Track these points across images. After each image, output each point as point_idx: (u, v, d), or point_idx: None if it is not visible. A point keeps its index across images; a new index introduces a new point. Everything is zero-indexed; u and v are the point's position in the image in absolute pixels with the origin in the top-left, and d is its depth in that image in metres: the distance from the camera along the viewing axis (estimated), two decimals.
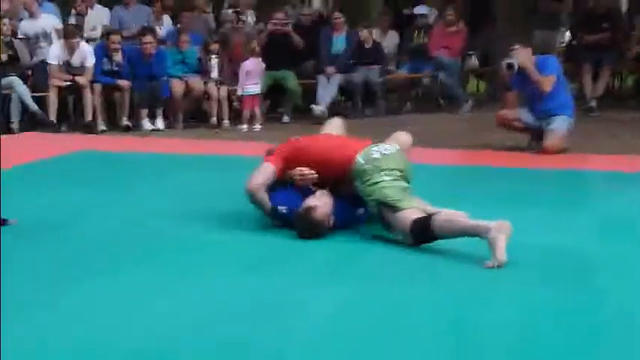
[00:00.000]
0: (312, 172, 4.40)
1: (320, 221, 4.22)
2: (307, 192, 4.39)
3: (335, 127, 5.02)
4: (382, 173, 4.24)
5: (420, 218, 4.02)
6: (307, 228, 4.23)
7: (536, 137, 7.49)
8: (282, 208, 4.38)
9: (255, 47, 9.61)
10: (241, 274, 3.73)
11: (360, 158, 4.32)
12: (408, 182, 4.34)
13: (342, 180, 4.38)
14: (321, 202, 4.25)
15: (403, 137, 4.75)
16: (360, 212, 4.44)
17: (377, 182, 4.22)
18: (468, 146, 7.79)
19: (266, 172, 4.44)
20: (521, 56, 7.28)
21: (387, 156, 4.33)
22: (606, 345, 2.91)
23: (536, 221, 4.69)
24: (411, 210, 4.08)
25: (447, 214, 4.02)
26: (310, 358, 2.79)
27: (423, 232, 3.99)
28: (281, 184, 4.48)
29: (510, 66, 7.29)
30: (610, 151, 7.54)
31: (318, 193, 4.35)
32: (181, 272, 3.72)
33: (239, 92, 9.61)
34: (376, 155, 4.32)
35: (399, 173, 4.27)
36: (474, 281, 3.61)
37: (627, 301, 3.37)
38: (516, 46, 7.40)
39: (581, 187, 5.85)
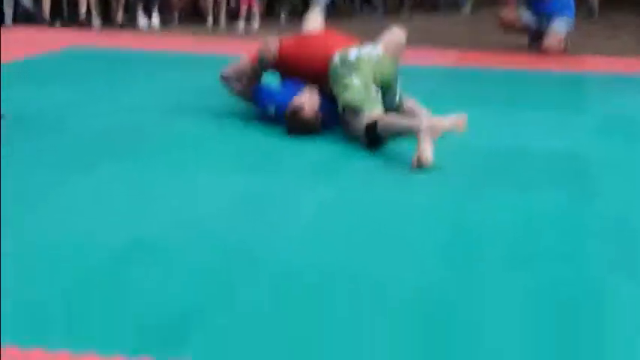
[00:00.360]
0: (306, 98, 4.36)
1: (308, 120, 4.21)
2: (296, 88, 4.36)
3: (315, 22, 4.94)
4: (352, 75, 4.19)
5: (370, 122, 4.01)
6: (296, 127, 4.23)
7: (536, 37, 7.40)
8: (271, 108, 4.36)
9: None
10: (228, 172, 3.73)
11: (336, 59, 4.28)
12: (389, 86, 4.28)
13: (323, 79, 4.34)
14: (309, 100, 4.22)
15: (395, 36, 4.59)
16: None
17: (346, 84, 4.18)
18: (468, 47, 7.70)
19: (239, 62, 4.59)
20: None
21: (361, 59, 4.25)
22: (595, 245, 2.92)
23: (534, 123, 4.68)
24: (370, 113, 4.06)
25: (393, 116, 4.08)
26: (295, 252, 2.81)
27: (372, 134, 4.01)
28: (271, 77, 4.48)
29: None
30: (609, 52, 7.46)
31: (307, 89, 4.32)
32: (168, 168, 3.72)
33: None
34: (351, 58, 4.26)
35: (371, 76, 4.21)
36: (468, 184, 3.60)
37: (620, 201, 3.38)
38: None
39: (580, 89, 5.81)
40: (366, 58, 4.27)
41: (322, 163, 3.89)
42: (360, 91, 4.13)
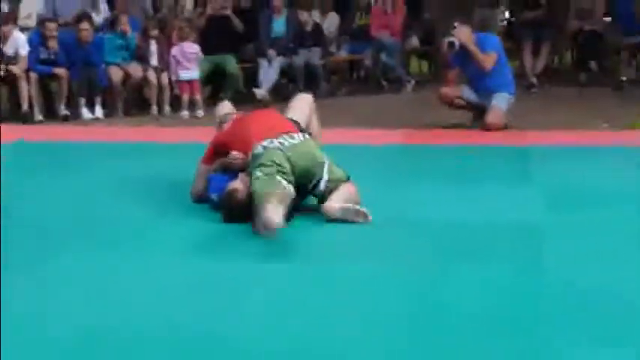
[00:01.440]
0: (241, 155, 4.37)
1: (242, 201, 4.15)
2: (234, 175, 4.37)
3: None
4: (258, 168, 4.16)
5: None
6: (231, 210, 4.20)
7: (478, 114, 7.53)
8: (214, 196, 4.36)
9: (186, 32, 9.46)
10: (181, 256, 3.70)
11: (254, 148, 4.30)
12: (309, 172, 4.22)
13: None
14: (243, 184, 4.19)
15: (301, 103, 4.84)
16: None
17: (253, 177, 4.15)
18: (412, 125, 7.78)
19: (202, 175, 4.58)
20: (462, 34, 7.29)
21: (269, 149, 4.22)
22: (549, 314, 2.92)
23: (481, 197, 4.71)
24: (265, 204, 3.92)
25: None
26: (259, 332, 2.75)
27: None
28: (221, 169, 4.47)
29: (451, 44, 7.30)
30: (551, 125, 7.60)
31: (241, 175, 4.30)
32: (122, 256, 3.67)
33: (172, 78, 9.49)
34: (258, 150, 4.25)
35: (276, 167, 4.13)
36: (420, 257, 3.59)
37: (569, 269, 3.41)
38: (456, 24, 7.41)
39: (525, 162, 5.88)
40: (273, 149, 4.22)
41: (275, 242, 3.84)
42: (261, 181, 4.07)
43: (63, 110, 9.26)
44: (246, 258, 3.64)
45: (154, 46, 9.59)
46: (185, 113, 9.30)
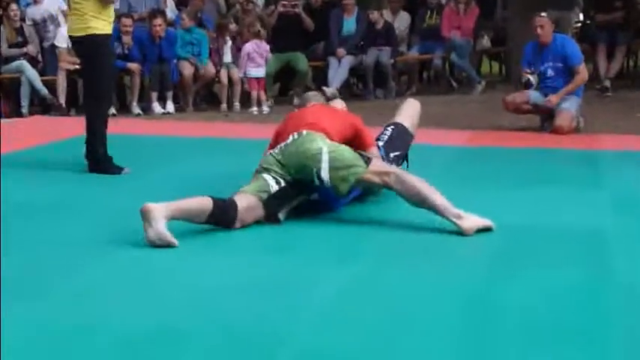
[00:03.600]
0: None
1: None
2: None
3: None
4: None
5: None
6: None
7: (546, 117, 7.42)
8: None
9: (258, 29, 9.54)
10: (251, 254, 3.73)
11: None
12: (304, 168, 4.14)
13: None
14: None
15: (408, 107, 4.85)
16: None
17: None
18: (481, 127, 7.72)
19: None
20: (545, 28, 7.16)
21: (264, 158, 4.27)
22: (618, 324, 2.86)
23: (549, 200, 4.65)
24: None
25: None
26: (314, 336, 2.76)
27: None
28: None
29: (528, 84, 7.25)
30: (623, 130, 7.46)
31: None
32: (193, 252, 3.70)
33: (240, 74, 9.58)
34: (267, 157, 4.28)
35: (273, 169, 4.16)
36: (486, 262, 3.56)
37: (638, 275, 3.34)
38: (543, 14, 7.29)
39: (595, 166, 5.78)
40: (273, 154, 4.24)
41: (340, 245, 3.87)
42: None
43: (135, 107, 9.42)
44: (309, 259, 3.65)
45: (228, 43, 9.70)
46: (254, 109, 9.40)
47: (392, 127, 4.79)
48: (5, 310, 2.88)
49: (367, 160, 4.14)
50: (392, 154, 4.59)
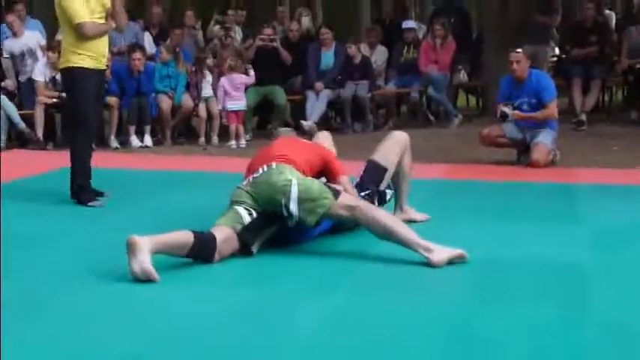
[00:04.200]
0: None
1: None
2: None
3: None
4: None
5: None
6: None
7: (522, 150, 7.48)
8: None
9: (230, 64, 9.55)
10: (231, 286, 3.75)
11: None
12: (272, 201, 4.18)
13: None
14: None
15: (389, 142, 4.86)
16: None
17: None
18: (458, 161, 7.76)
19: None
20: (521, 64, 7.24)
21: (235, 190, 4.31)
22: (594, 356, 2.88)
23: (527, 234, 4.67)
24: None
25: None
26: None
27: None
28: None
29: (504, 115, 7.30)
30: (600, 164, 7.52)
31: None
32: (175, 284, 3.71)
33: (219, 107, 9.59)
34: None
35: (245, 201, 4.21)
36: (464, 296, 3.57)
37: (617, 311, 3.35)
38: (518, 51, 7.36)
39: (572, 200, 5.82)
40: (242, 185, 4.30)
41: (318, 277, 3.88)
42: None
43: (113, 141, 9.39)
44: (288, 291, 3.66)
45: (208, 77, 9.72)
46: (233, 143, 9.40)
47: (365, 165, 4.80)
48: None
49: (335, 194, 4.18)
50: (362, 194, 4.60)
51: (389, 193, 4.81)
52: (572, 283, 3.77)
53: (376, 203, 4.61)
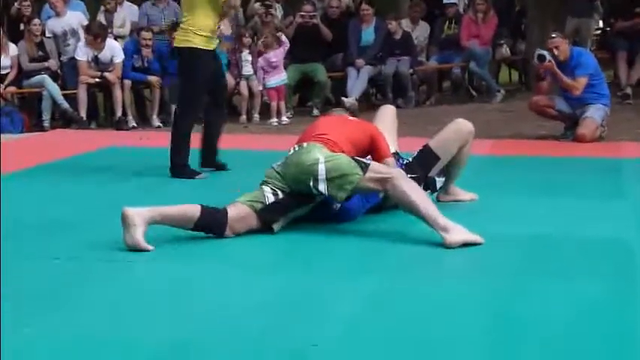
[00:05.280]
0: None
1: None
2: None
3: (380, 117, 5.00)
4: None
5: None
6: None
7: (570, 125, 7.38)
8: None
9: (269, 40, 9.51)
10: (266, 269, 3.72)
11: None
12: (301, 179, 4.14)
13: None
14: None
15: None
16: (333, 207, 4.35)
17: None
18: (502, 136, 7.70)
19: None
20: (561, 48, 7.13)
21: (267, 170, 4.31)
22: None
23: (572, 210, 4.61)
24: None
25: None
26: (338, 351, 2.74)
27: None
28: None
29: (541, 57, 7.15)
30: None
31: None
32: (204, 267, 3.69)
33: (259, 88, 9.57)
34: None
35: (274, 182, 4.22)
36: (509, 273, 3.53)
37: None
38: (554, 35, 7.27)
39: (617, 175, 5.74)
40: (274, 167, 4.29)
41: (355, 259, 3.85)
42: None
43: (155, 120, 9.46)
44: (324, 274, 3.63)
45: (247, 56, 9.71)
46: (274, 120, 9.40)
47: (420, 149, 4.74)
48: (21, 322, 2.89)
49: (364, 167, 4.11)
50: (408, 176, 4.55)
51: (439, 181, 4.72)
52: (619, 259, 3.71)
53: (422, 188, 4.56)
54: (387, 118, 4.96)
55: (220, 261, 3.82)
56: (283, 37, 9.56)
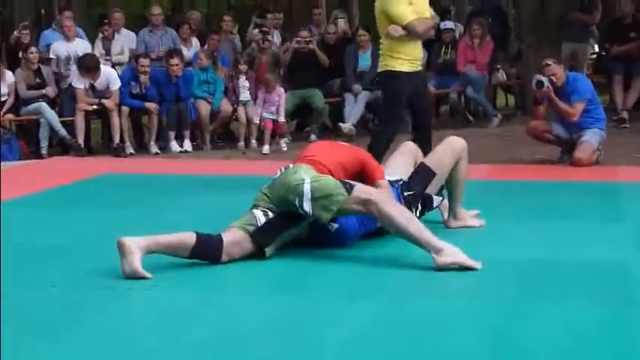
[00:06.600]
0: None
1: None
2: None
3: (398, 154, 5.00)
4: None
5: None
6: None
7: (566, 150, 7.40)
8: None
9: (271, 82, 9.50)
10: (264, 293, 3.71)
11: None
12: (284, 200, 4.15)
13: None
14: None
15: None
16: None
17: None
18: (499, 161, 7.71)
19: None
20: (557, 75, 7.16)
21: (259, 192, 4.32)
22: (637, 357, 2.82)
23: (570, 234, 4.62)
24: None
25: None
26: None
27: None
28: None
29: (539, 84, 7.18)
30: None
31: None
32: (203, 293, 3.69)
33: (256, 119, 9.55)
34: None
35: (263, 201, 4.24)
36: (507, 296, 3.53)
37: None
38: (549, 62, 7.30)
39: (614, 198, 5.74)
40: (262, 190, 4.31)
41: (353, 283, 3.83)
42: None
43: (153, 146, 9.47)
44: (322, 297, 3.63)
45: (244, 82, 9.74)
46: (266, 148, 9.35)
47: (415, 168, 4.76)
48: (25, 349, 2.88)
49: (349, 188, 4.09)
50: (406, 193, 4.56)
51: (437, 200, 4.71)
52: (617, 282, 3.71)
53: (419, 206, 4.56)
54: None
55: (218, 287, 3.81)
56: (280, 89, 9.56)
